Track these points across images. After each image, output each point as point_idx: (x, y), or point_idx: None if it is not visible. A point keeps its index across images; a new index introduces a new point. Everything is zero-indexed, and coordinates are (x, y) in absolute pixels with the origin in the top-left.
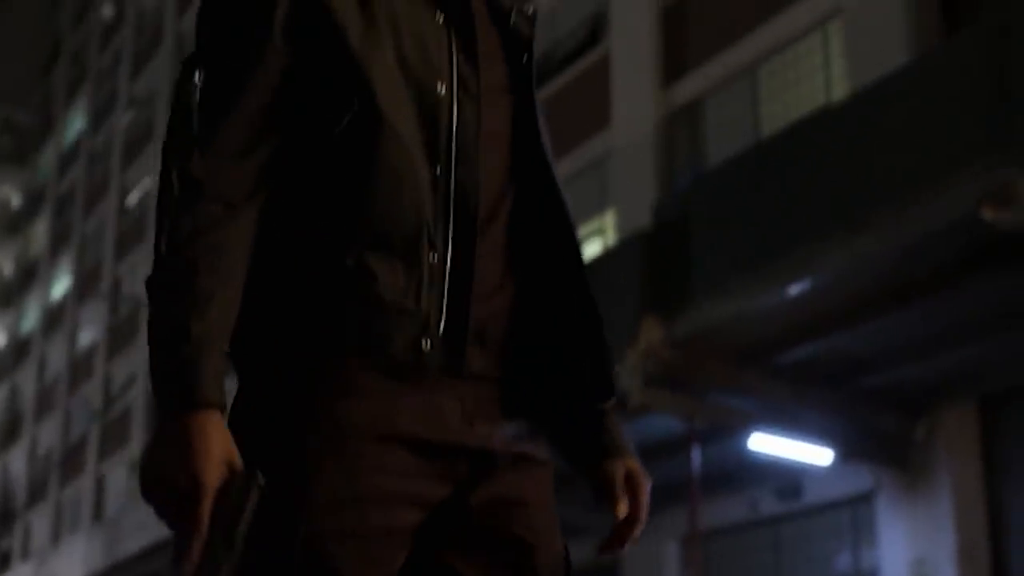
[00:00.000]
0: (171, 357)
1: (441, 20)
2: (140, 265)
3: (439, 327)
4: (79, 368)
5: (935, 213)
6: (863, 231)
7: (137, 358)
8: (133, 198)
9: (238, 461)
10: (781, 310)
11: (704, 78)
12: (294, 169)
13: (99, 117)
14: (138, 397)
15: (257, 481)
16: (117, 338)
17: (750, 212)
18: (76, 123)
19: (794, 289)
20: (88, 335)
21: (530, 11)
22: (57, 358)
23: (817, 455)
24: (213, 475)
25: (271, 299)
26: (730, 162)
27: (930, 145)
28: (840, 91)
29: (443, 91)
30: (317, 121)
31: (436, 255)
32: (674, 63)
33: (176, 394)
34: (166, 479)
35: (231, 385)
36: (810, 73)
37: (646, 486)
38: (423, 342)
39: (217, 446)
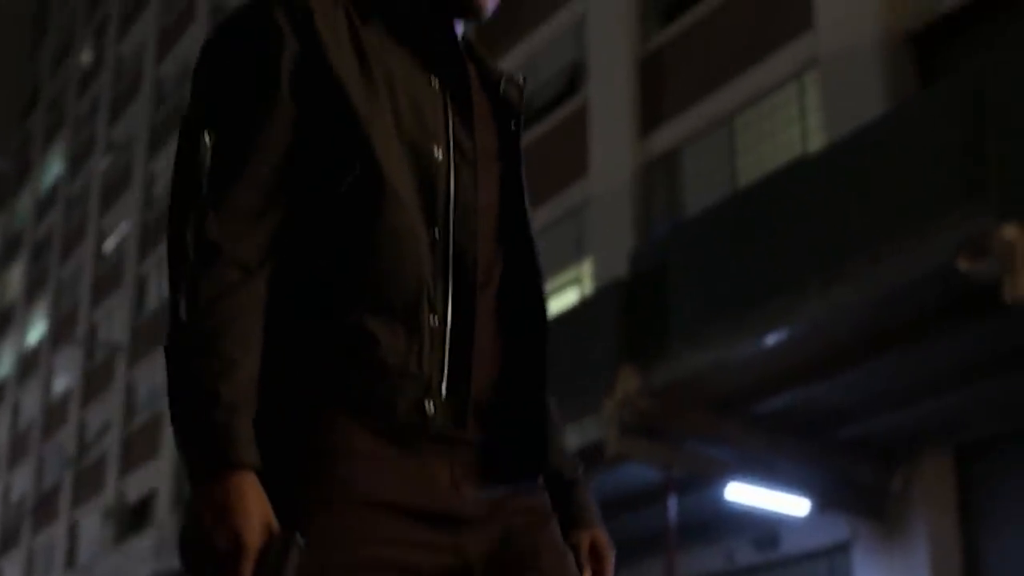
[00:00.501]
0: (203, 422)
1: (436, 85)
2: (116, 311)
3: (441, 390)
4: (53, 414)
5: (911, 263)
6: (840, 281)
7: (112, 404)
8: (110, 244)
9: (275, 522)
10: (758, 359)
11: (681, 128)
12: (297, 231)
13: (77, 162)
14: (113, 444)
15: (296, 541)
16: (92, 384)
17: (727, 262)
18: (53, 168)
19: (771, 339)
20: (63, 381)
21: (520, 80)
22: (31, 404)
23: (794, 505)
24: (254, 536)
25: (276, 359)
26: (707, 212)
27: (906, 196)
28: (816, 142)
29: (440, 156)
30: (318, 182)
31: (436, 318)
32: (652, 113)
33: (211, 457)
34: (206, 541)
35: None
36: (787, 124)
37: (611, 557)
38: (426, 405)
39: (256, 507)
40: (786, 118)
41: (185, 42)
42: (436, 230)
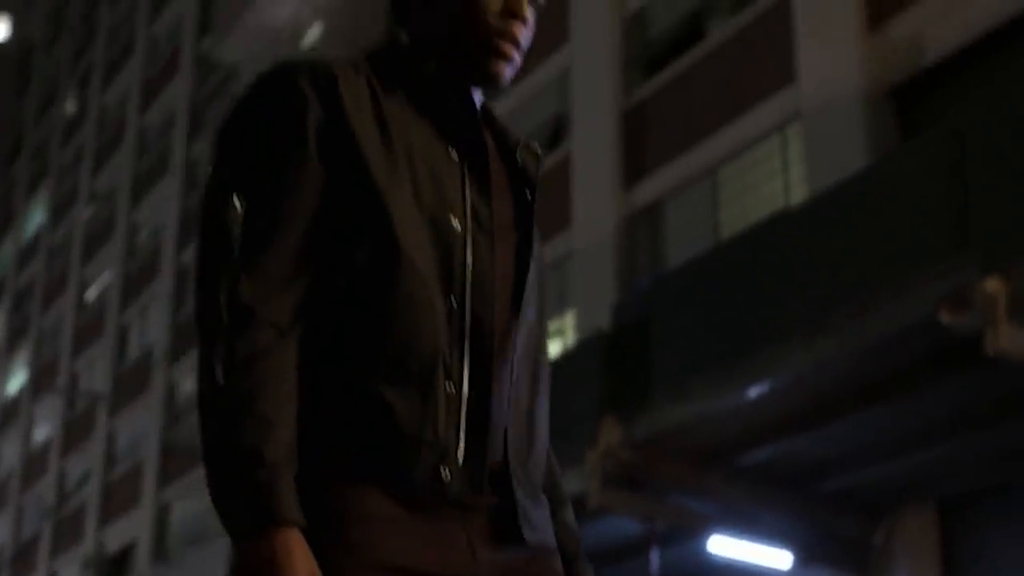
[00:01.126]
0: (246, 482)
1: (455, 155)
2: (97, 360)
3: (458, 456)
4: (33, 464)
5: (894, 316)
6: (823, 333)
7: (92, 454)
8: (92, 293)
9: None
10: (741, 412)
11: (664, 180)
12: (320, 297)
13: (59, 212)
14: (92, 494)
15: None
16: (72, 434)
17: (710, 314)
18: (36, 217)
19: (754, 391)
20: (43, 431)
21: (537, 148)
22: (11, 453)
23: (777, 558)
24: None
25: (300, 423)
26: (690, 264)
27: (888, 249)
28: (799, 194)
29: (458, 226)
30: (339, 250)
31: (452, 385)
32: (635, 165)
33: (257, 515)
34: None
35: None
36: (769, 176)
37: None
38: (443, 471)
39: (303, 563)
40: (769, 170)
41: (169, 92)
42: (453, 299)
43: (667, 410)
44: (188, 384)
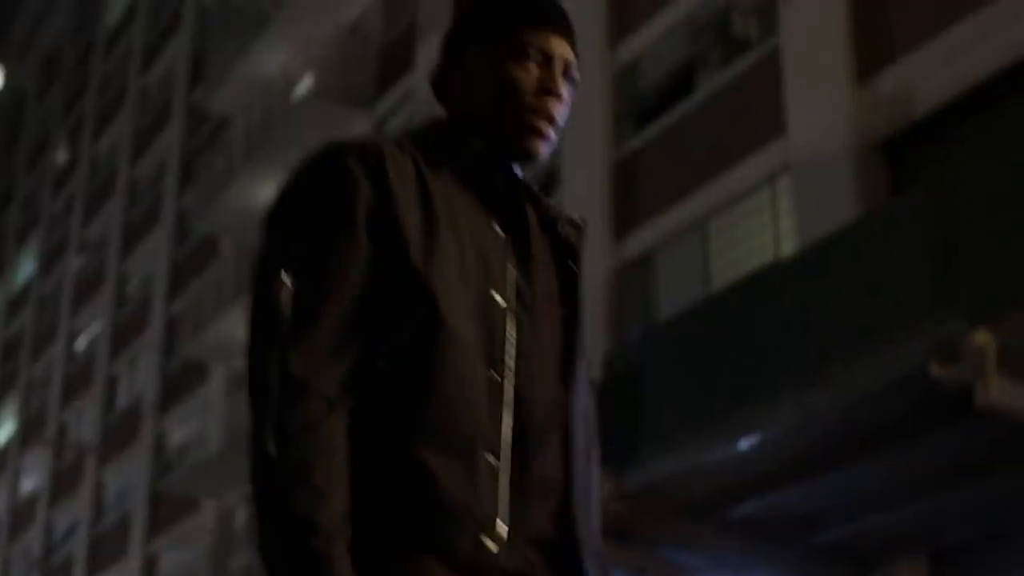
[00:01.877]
0: (302, 551)
1: (498, 230)
2: (86, 411)
3: (500, 526)
4: (20, 515)
5: (884, 368)
6: (813, 386)
7: (80, 505)
8: (81, 343)
9: None
10: (731, 464)
11: (655, 232)
12: (368, 368)
13: (49, 262)
14: (80, 545)
15: None
16: (60, 485)
17: (700, 366)
18: (26, 267)
19: (744, 444)
20: (31, 481)
21: (579, 221)
22: None
23: None
24: None
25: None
26: (680, 316)
27: (878, 301)
28: (789, 246)
29: (501, 301)
30: (386, 324)
31: (493, 457)
32: (625, 216)
33: None
34: None
35: None
36: (759, 228)
37: None
38: (485, 541)
39: None
40: (759, 223)
41: (161, 142)
42: (495, 373)
43: (657, 462)
44: (177, 434)
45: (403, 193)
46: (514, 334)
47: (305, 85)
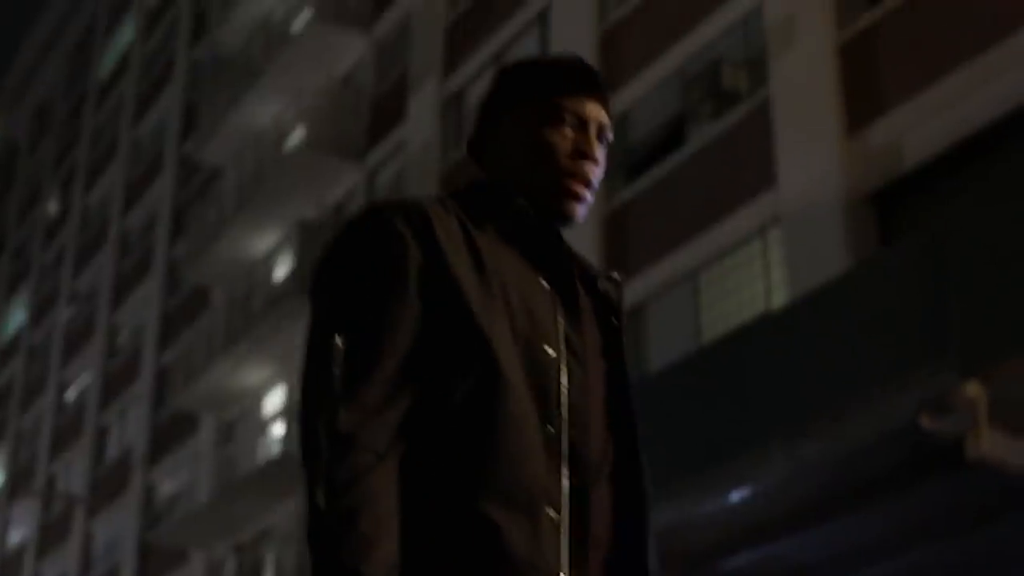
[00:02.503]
0: None
1: (544, 283)
2: (75, 462)
3: None
4: (8, 567)
5: (875, 421)
6: (804, 438)
7: (69, 557)
8: (71, 394)
9: None
10: (723, 516)
11: (646, 283)
12: (423, 420)
13: (40, 312)
14: None
15: None
16: (49, 536)
17: (691, 417)
18: (17, 317)
19: (735, 495)
20: (19, 533)
21: (616, 277)
22: None
23: None
24: None
25: (406, 543)
26: (671, 367)
27: (869, 352)
28: (780, 298)
29: (552, 353)
30: (442, 378)
31: (553, 510)
32: (616, 268)
33: None
34: None
35: None
36: (750, 280)
37: None
38: None
39: None
40: (750, 274)
41: (152, 194)
42: (550, 427)
43: None
44: (167, 486)
45: (452, 250)
46: (567, 385)
47: (297, 137)
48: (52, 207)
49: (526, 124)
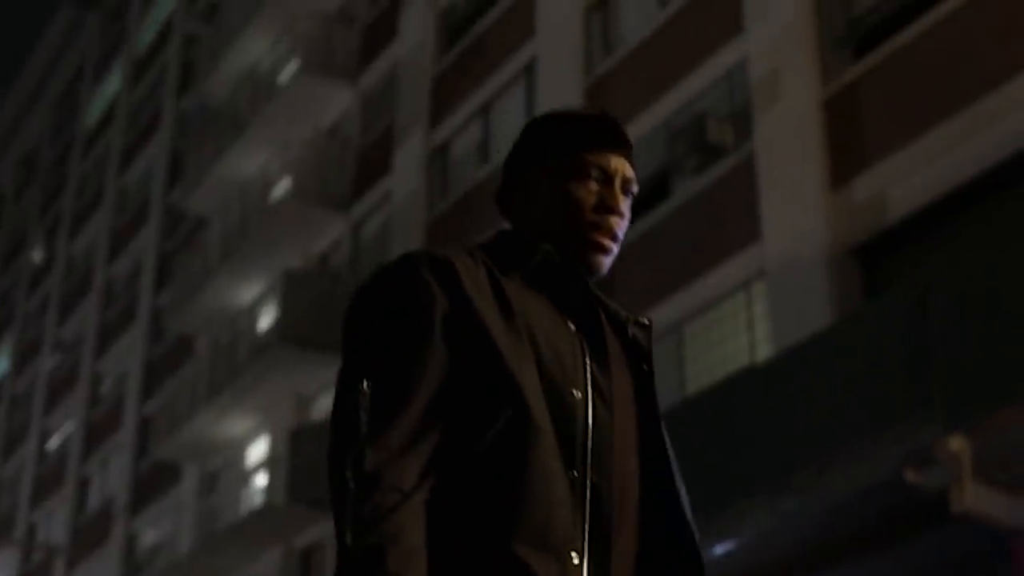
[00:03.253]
0: None
1: (573, 329)
2: (56, 512)
3: None
4: None
5: (858, 474)
6: (787, 491)
7: None
8: (53, 443)
9: None
10: (707, 569)
11: None
12: (450, 461)
13: (23, 360)
14: None
15: None
16: None
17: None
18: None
19: (719, 549)
20: None
21: (645, 322)
22: None
23: None
24: None
25: None
26: None
27: (852, 406)
28: (764, 351)
29: (579, 396)
30: (471, 422)
31: (577, 555)
32: None
33: None
34: None
35: None
36: (734, 333)
37: None
38: None
39: None
40: (734, 327)
41: (137, 243)
42: (575, 471)
43: None
44: (148, 536)
45: (479, 297)
46: (592, 429)
47: (283, 187)
48: (37, 255)
49: (552, 178)
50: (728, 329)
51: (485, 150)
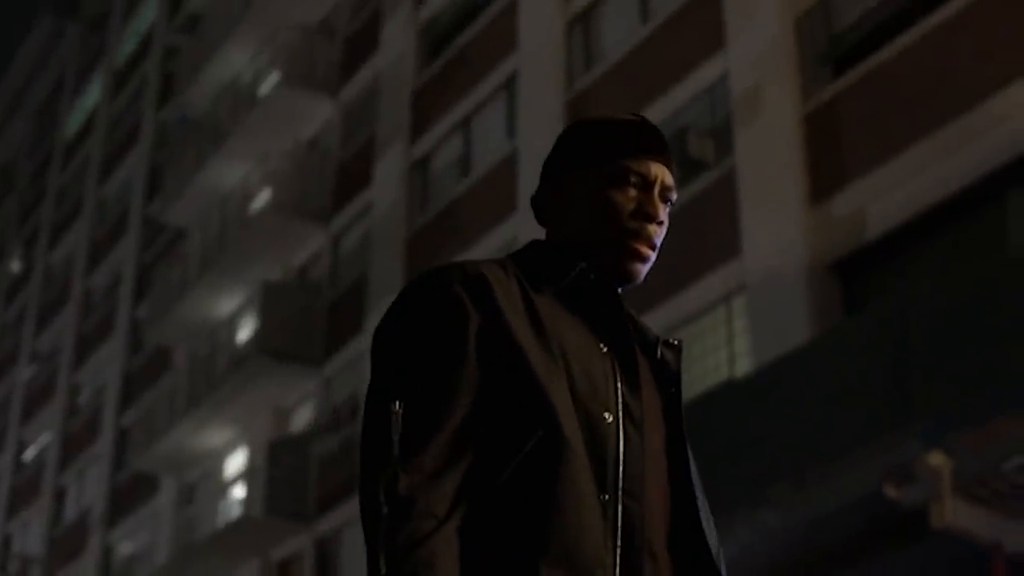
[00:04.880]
0: None
1: (605, 350)
2: (32, 522)
3: None
4: None
5: (838, 489)
6: (766, 506)
7: None
8: (30, 453)
9: None
10: None
11: None
12: (482, 483)
13: (0, 370)
14: None
15: None
16: None
17: None
18: None
19: None
20: None
21: (675, 343)
22: None
23: None
24: None
25: None
26: None
27: (832, 421)
28: (744, 366)
29: (611, 419)
30: (502, 441)
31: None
32: None
33: None
34: None
35: None
36: (714, 347)
37: None
38: None
39: None
40: (714, 342)
41: (116, 254)
42: (606, 495)
43: None
44: (125, 547)
45: (512, 313)
46: (624, 452)
47: (262, 199)
48: (15, 265)
49: (590, 184)
50: (708, 343)
51: (466, 163)
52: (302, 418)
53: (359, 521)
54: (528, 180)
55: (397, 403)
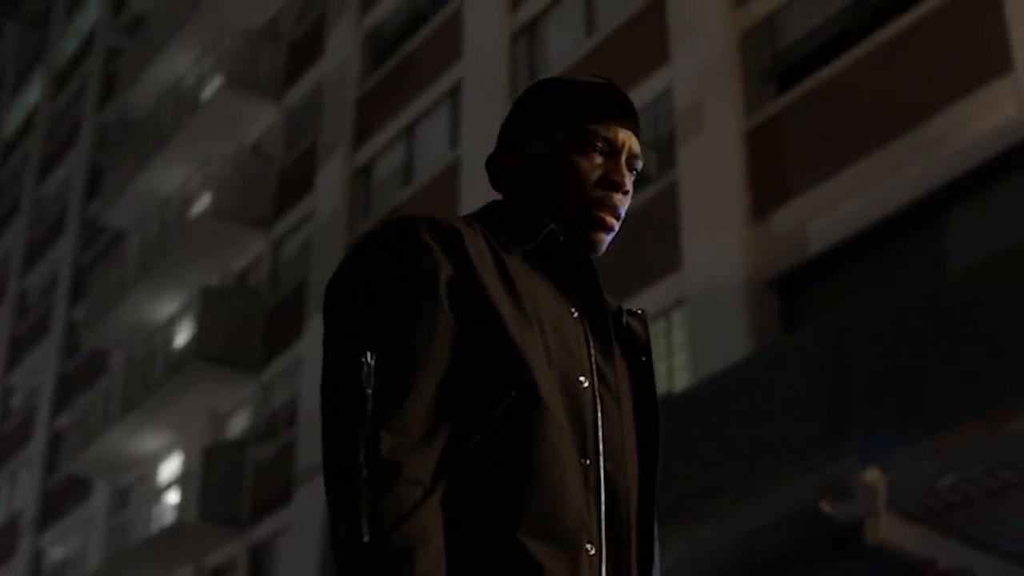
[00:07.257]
0: None
1: (576, 315)
2: None
3: None
4: None
5: (774, 504)
6: (702, 520)
7: None
8: None
9: None
10: None
11: None
12: (460, 449)
13: None
14: None
15: None
16: None
17: None
18: None
19: None
20: None
21: (640, 312)
22: None
23: None
24: None
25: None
26: None
27: (769, 437)
28: (682, 380)
29: (587, 384)
30: (476, 403)
31: (592, 547)
32: None
33: None
34: None
35: None
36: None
37: None
38: None
39: None
40: (653, 355)
41: (54, 254)
42: (585, 459)
43: None
44: (56, 552)
45: (483, 268)
46: (602, 419)
47: (203, 203)
48: None
49: (555, 148)
50: None
51: (408, 171)
52: (238, 424)
53: (294, 528)
54: (471, 189)
55: (368, 354)
